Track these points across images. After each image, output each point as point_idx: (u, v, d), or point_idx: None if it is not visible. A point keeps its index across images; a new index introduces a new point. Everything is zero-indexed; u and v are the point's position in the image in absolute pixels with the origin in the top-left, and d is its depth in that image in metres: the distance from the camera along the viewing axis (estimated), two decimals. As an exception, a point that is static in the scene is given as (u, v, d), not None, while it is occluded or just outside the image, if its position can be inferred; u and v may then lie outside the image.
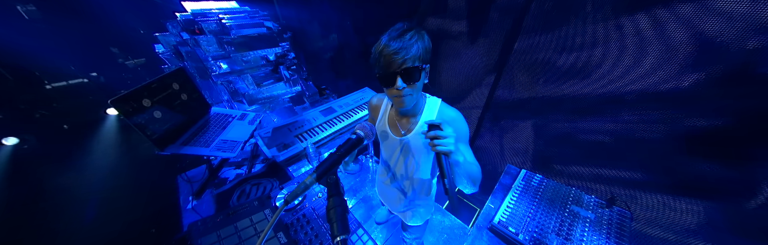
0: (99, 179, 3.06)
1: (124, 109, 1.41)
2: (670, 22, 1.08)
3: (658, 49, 1.15)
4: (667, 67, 1.15)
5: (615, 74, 1.32)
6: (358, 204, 2.24)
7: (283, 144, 2.08)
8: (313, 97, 3.24)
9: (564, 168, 1.81)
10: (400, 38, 0.72)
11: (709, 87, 1.08)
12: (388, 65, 0.74)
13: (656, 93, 1.23)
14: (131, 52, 4.47)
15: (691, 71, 1.10)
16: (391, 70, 0.74)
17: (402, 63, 0.72)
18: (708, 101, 1.11)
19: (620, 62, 1.28)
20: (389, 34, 0.75)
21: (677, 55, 1.11)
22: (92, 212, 2.68)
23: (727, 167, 1.16)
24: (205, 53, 2.38)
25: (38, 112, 3.49)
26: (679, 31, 1.07)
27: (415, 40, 0.73)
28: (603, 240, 1.18)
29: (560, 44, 1.44)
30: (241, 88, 2.69)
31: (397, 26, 0.76)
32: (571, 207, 1.37)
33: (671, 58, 1.13)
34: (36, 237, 2.42)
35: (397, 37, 0.72)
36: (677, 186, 1.35)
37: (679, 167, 1.30)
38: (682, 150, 1.26)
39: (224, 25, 2.37)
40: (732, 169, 1.15)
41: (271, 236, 1.15)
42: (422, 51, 0.75)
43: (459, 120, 0.92)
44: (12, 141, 3.03)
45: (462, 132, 0.90)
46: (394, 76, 0.75)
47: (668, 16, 1.07)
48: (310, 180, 0.64)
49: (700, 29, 1.01)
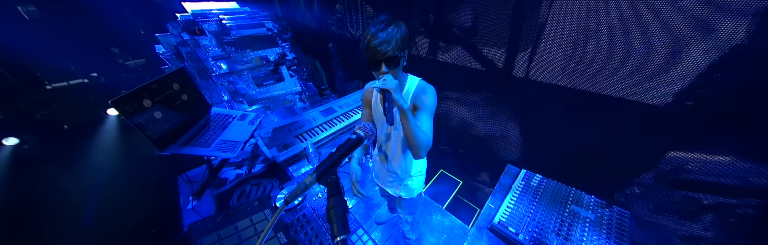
0: (99, 179, 3.06)
1: (125, 109, 1.42)
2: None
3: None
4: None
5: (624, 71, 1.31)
6: (358, 204, 2.24)
7: (283, 145, 2.09)
8: (313, 98, 3.24)
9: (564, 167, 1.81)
10: (385, 30, 0.86)
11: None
12: (374, 54, 0.89)
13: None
14: (132, 53, 4.48)
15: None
16: (377, 59, 0.90)
17: (385, 52, 0.88)
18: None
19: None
20: (375, 25, 0.87)
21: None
22: (92, 212, 2.68)
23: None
24: (205, 53, 2.38)
25: (38, 112, 3.50)
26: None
27: (395, 31, 0.87)
28: (603, 240, 1.18)
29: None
30: (242, 89, 2.69)
31: (381, 18, 0.89)
32: (571, 207, 1.37)
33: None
34: (36, 237, 2.42)
35: (383, 29, 0.86)
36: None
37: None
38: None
39: (224, 26, 2.38)
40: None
41: (271, 236, 1.15)
42: (402, 41, 0.90)
43: (428, 91, 1.05)
44: (12, 141, 3.03)
45: (427, 102, 1.03)
46: (379, 63, 0.91)
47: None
48: (310, 181, 0.64)
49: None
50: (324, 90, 3.49)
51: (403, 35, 0.90)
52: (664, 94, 1.22)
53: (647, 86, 1.27)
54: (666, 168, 1.35)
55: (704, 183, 1.25)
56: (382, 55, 0.88)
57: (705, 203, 1.27)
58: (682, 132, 1.24)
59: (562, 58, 1.51)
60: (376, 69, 0.93)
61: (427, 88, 1.07)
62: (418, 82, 1.09)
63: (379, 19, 0.89)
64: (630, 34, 1.23)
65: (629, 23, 1.21)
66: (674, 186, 1.36)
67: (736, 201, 1.19)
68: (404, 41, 0.92)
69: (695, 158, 1.24)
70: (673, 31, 1.11)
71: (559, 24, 1.44)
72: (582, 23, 1.35)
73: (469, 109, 2.31)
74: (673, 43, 1.12)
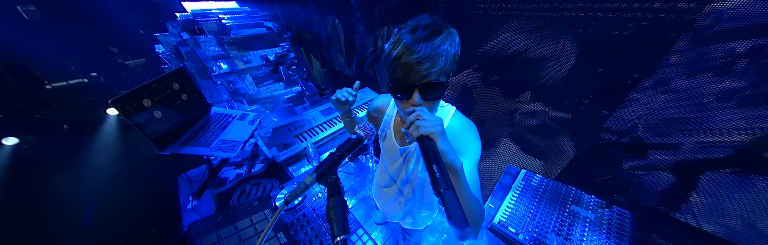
0: (99, 179, 3.05)
1: (125, 108, 1.42)
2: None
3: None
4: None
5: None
6: (358, 204, 2.24)
7: (283, 145, 2.09)
8: (313, 97, 3.24)
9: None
10: (429, 41, 0.54)
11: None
12: (406, 76, 0.58)
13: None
14: (131, 52, 4.48)
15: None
16: (409, 83, 0.59)
17: (425, 75, 0.57)
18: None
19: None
20: (413, 31, 0.56)
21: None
22: (92, 212, 2.68)
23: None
24: (205, 53, 2.38)
25: (38, 112, 3.50)
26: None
27: (446, 45, 0.56)
28: (603, 240, 1.18)
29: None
30: (241, 88, 2.69)
31: (425, 22, 0.57)
32: (571, 207, 1.37)
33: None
34: (36, 237, 2.42)
35: (426, 39, 0.54)
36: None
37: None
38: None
39: (224, 26, 2.38)
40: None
41: (271, 236, 1.15)
42: (451, 61, 0.59)
43: (469, 130, 0.75)
44: (12, 141, 3.03)
45: (468, 146, 0.73)
46: (411, 90, 0.60)
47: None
48: (310, 180, 0.64)
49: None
50: (324, 90, 3.49)
51: (456, 52, 0.60)
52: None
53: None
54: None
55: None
56: (420, 79, 0.58)
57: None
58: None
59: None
60: (406, 97, 0.62)
61: (465, 124, 0.76)
62: (451, 115, 0.77)
63: (421, 23, 0.57)
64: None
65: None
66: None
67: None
68: (455, 61, 0.60)
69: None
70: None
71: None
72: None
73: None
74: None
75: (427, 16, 0.59)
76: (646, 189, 1.27)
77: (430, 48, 0.54)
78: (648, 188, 1.27)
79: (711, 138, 1.03)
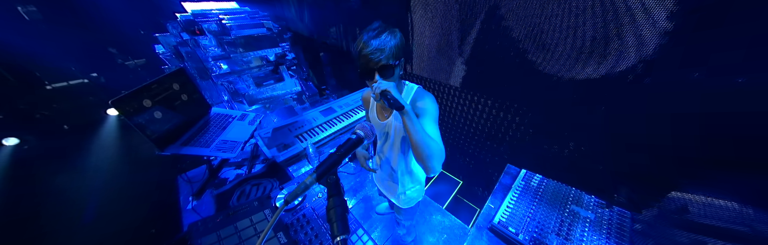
0: (99, 179, 3.06)
1: (125, 109, 1.42)
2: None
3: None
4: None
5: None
6: (358, 204, 2.24)
7: (283, 145, 2.09)
8: (313, 98, 3.25)
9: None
10: (378, 37, 0.82)
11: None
12: (367, 63, 0.85)
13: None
14: (131, 53, 4.48)
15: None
16: (370, 67, 0.85)
17: (378, 61, 0.84)
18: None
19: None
20: (367, 33, 0.84)
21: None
22: (92, 212, 2.68)
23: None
24: (205, 53, 2.38)
25: (38, 112, 3.50)
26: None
27: (389, 39, 0.83)
28: (603, 240, 1.18)
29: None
30: (242, 89, 2.70)
31: (375, 26, 0.86)
32: (571, 207, 1.37)
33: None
34: (36, 238, 2.42)
35: (376, 37, 0.82)
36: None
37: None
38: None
39: (224, 26, 2.38)
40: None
41: (271, 236, 1.15)
42: (396, 49, 0.85)
43: (426, 97, 1.00)
44: (12, 141, 3.03)
45: (427, 107, 0.97)
46: (372, 72, 0.86)
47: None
48: (310, 181, 0.64)
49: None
50: (324, 90, 3.49)
51: (398, 43, 0.86)
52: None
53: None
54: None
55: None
56: (375, 64, 0.84)
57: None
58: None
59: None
60: (369, 78, 0.88)
61: (424, 94, 1.03)
62: (416, 89, 1.05)
63: (372, 27, 0.85)
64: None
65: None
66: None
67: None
68: (399, 49, 0.87)
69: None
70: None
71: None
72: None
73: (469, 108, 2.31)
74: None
75: (377, 22, 0.87)
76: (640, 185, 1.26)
77: (378, 40, 0.82)
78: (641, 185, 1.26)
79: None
